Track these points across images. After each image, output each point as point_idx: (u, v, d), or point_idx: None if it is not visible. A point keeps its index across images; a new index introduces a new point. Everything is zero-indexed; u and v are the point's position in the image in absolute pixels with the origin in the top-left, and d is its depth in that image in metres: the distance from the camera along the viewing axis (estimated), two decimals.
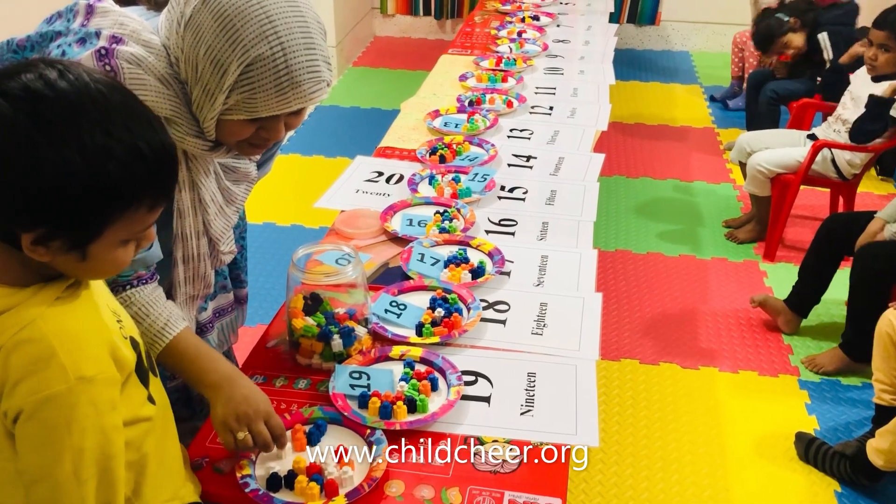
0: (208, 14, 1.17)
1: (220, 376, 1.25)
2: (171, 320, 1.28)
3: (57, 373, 0.88)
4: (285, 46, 1.18)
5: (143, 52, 1.20)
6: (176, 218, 1.36)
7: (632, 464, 2.42)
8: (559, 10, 4.09)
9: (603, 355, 2.87)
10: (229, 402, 1.22)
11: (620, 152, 4.50)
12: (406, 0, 6.37)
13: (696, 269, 3.42)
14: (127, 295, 1.27)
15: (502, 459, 1.29)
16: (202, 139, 1.28)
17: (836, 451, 2.35)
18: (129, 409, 1.00)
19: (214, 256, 1.47)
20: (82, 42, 1.20)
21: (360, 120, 4.85)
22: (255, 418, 1.22)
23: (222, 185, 1.44)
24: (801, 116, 3.84)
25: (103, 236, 0.89)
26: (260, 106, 1.20)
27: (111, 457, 0.94)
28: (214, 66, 1.18)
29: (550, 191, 2.16)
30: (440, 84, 2.96)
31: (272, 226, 3.67)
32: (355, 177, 2.22)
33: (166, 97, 1.22)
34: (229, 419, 1.21)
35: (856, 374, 2.77)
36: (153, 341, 1.25)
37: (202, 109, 1.23)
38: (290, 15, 1.19)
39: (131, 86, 1.18)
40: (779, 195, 3.41)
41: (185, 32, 1.20)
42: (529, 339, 1.58)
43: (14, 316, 0.89)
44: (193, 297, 1.47)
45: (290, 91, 1.20)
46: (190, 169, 1.34)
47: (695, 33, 6.23)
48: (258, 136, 1.28)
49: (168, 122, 1.24)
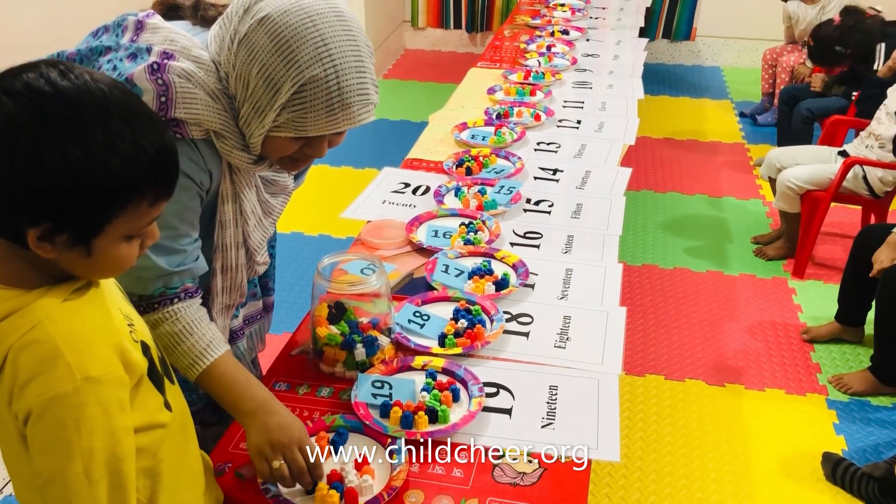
0: (264, 33, 1.19)
1: (256, 403, 1.24)
2: (213, 342, 1.27)
3: (63, 373, 0.89)
4: (338, 69, 1.20)
5: (193, 68, 1.23)
6: (217, 229, 1.38)
7: (655, 480, 2.40)
8: (589, 24, 4.10)
9: (628, 370, 2.85)
10: (264, 431, 1.21)
11: (649, 167, 4.48)
12: (437, 13, 6.41)
13: (724, 286, 3.39)
14: (175, 310, 1.27)
15: (522, 472, 1.29)
16: (247, 153, 1.30)
17: (865, 473, 2.31)
18: (143, 414, 1.01)
19: (250, 267, 1.50)
20: (133, 57, 1.22)
21: (389, 132, 4.88)
22: (290, 446, 1.21)
23: (262, 198, 1.46)
24: (832, 133, 3.80)
25: (107, 231, 0.90)
26: (309, 126, 1.22)
27: (121, 458, 0.93)
28: (267, 85, 1.20)
29: (576, 204, 2.16)
30: (468, 97, 2.98)
31: (300, 235, 3.70)
32: (382, 188, 2.24)
33: (216, 111, 1.24)
34: (264, 448, 1.20)
35: (886, 392, 2.73)
36: (194, 362, 1.25)
37: (250, 125, 1.25)
38: (344, 38, 1.21)
39: (182, 100, 1.20)
40: (809, 212, 3.38)
41: (239, 49, 1.22)
42: (552, 352, 1.58)
43: (22, 317, 0.90)
44: (229, 307, 1.49)
45: (340, 113, 1.22)
46: (234, 181, 1.36)
47: (726, 49, 6.20)
48: (301, 153, 1.31)
49: (216, 135, 1.26)
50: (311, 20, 1.19)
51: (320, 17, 1.20)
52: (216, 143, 1.28)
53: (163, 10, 1.37)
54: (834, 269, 3.43)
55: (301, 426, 1.24)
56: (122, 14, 1.30)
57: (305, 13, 1.19)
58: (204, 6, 1.38)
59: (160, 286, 1.26)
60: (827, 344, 3.01)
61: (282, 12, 1.19)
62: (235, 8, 1.25)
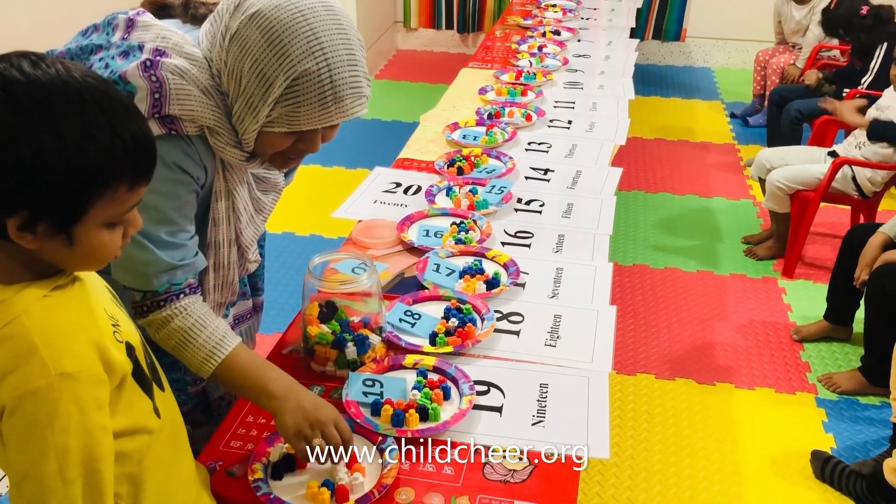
0: (255, 28, 1.20)
1: (285, 386, 1.25)
2: (227, 334, 1.28)
3: (37, 368, 0.88)
4: (330, 62, 1.20)
5: (186, 65, 1.23)
6: (210, 226, 1.38)
7: (645, 479, 2.41)
8: (580, 25, 4.11)
9: (618, 369, 2.86)
10: (299, 411, 1.22)
11: (640, 167, 4.50)
12: (429, 14, 6.42)
13: (714, 285, 3.41)
14: (183, 305, 1.27)
15: (513, 469, 1.30)
16: (240, 150, 1.31)
17: (853, 471, 2.33)
18: (128, 418, 0.99)
19: (242, 265, 1.50)
20: (125, 55, 1.22)
21: (381, 132, 4.88)
22: (328, 424, 1.22)
23: (253, 195, 1.47)
24: (822, 133, 3.82)
25: (86, 218, 0.89)
26: (303, 119, 1.23)
27: (98, 458, 0.92)
28: (260, 80, 1.21)
29: (567, 204, 2.17)
30: (460, 97, 2.99)
31: (290, 235, 3.70)
32: (373, 187, 2.24)
33: (209, 108, 1.25)
34: (303, 427, 1.21)
35: (874, 392, 2.74)
36: (211, 354, 1.25)
37: (243, 121, 1.26)
38: (335, 31, 1.22)
39: (176, 96, 1.21)
40: (798, 212, 3.40)
41: (230, 45, 1.22)
42: (543, 350, 1.59)
43: (0, 312, 0.90)
44: (221, 305, 1.49)
45: (333, 106, 1.23)
46: (226, 178, 1.36)
47: (717, 50, 6.23)
48: (295, 149, 1.31)
49: (210, 131, 1.27)
50: (302, 14, 1.20)
51: (311, 12, 1.20)
52: (210, 140, 1.28)
53: (152, 9, 1.37)
54: (823, 269, 3.45)
55: (332, 405, 1.26)
56: (112, 13, 1.29)
57: (296, 8, 1.20)
58: (194, 4, 1.38)
59: (165, 281, 1.26)
60: (816, 343, 3.03)
61: (272, 7, 1.20)
62: (226, 5, 1.26)
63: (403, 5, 6.42)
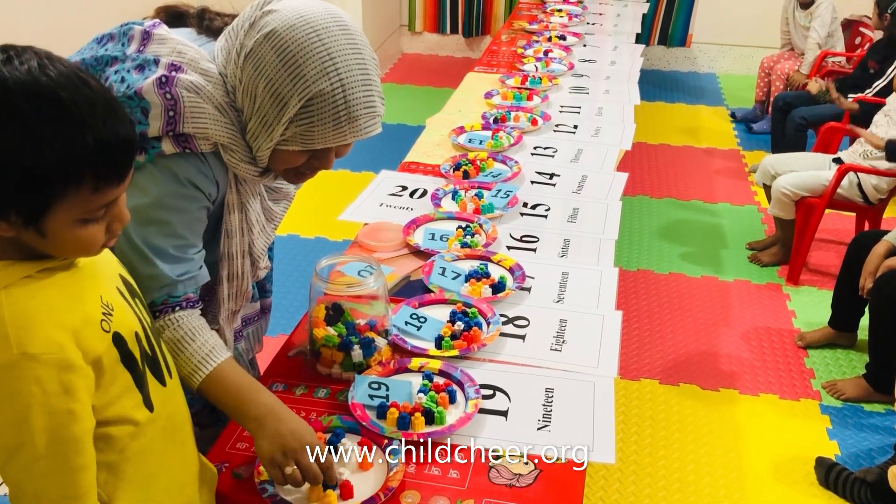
0: (269, 48, 1.20)
1: (265, 409, 1.21)
2: (215, 349, 1.26)
3: (2, 345, 0.89)
4: (345, 83, 1.20)
5: (201, 81, 1.23)
6: (223, 238, 1.38)
7: (649, 484, 2.41)
8: (586, 30, 4.12)
9: (623, 374, 2.86)
10: (275, 438, 1.19)
11: (645, 172, 4.50)
12: (434, 18, 6.43)
13: (719, 291, 3.41)
14: (176, 317, 1.26)
15: (518, 473, 1.30)
16: (254, 165, 1.31)
17: (857, 478, 2.33)
18: (109, 406, 0.99)
19: (254, 273, 1.50)
20: (141, 69, 1.22)
21: (386, 135, 4.84)
22: (303, 453, 1.19)
23: (265, 206, 1.47)
24: (827, 140, 3.82)
25: (52, 216, 0.89)
26: (317, 139, 1.23)
27: (66, 441, 0.92)
28: (274, 99, 1.20)
29: (573, 208, 2.17)
30: (465, 101, 2.99)
31: (296, 238, 3.71)
32: (379, 191, 2.25)
33: (223, 125, 1.25)
34: (276, 455, 1.18)
35: (878, 400, 2.74)
36: (196, 368, 1.23)
37: (257, 138, 1.26)
38: (349, 52, 1.22)
39: (191, 114, 1.21)
40: (803, 218, 3.40)
41: (245, 64, 1.22)
42: (548, 354, 1.59)
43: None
44: (235, 313, 1.49)
45: (347, 126, 1.23)
46: (239, 192, 1.36)
47: (722, 55, 6.23)
48: (308, 165, 1.31)
49: (224, 148, 1.27)
50: (317, 34, 1.20)
51: (326, 32, 1.20)
52: (223, 156, 1.28)
53: (167, 17, 1.36)
54: (828, 276, 3.45)
55: (311, 430, 1.22)
56: (128, 22, 1.28)
57: (311, 28, 1.20)
58: (209, 16, 1.37)
59: (164, 295, 1.26)
60: (821, 350, 3.03)
61: (287, 27, 1.19)
62: (241, 21, 1.25)
63: (409, 9, 6.43)
